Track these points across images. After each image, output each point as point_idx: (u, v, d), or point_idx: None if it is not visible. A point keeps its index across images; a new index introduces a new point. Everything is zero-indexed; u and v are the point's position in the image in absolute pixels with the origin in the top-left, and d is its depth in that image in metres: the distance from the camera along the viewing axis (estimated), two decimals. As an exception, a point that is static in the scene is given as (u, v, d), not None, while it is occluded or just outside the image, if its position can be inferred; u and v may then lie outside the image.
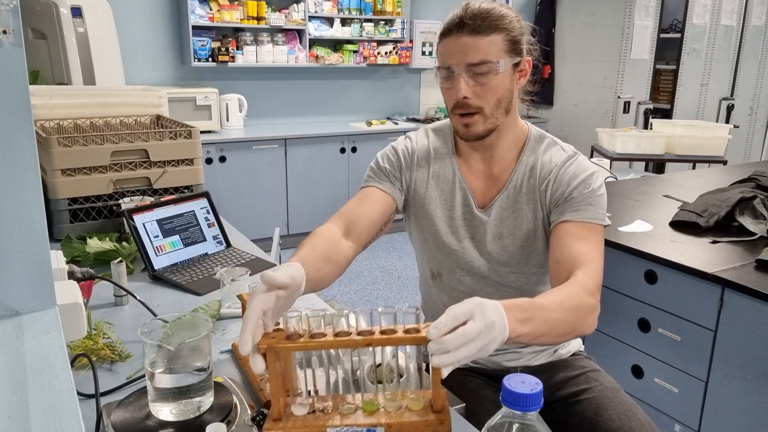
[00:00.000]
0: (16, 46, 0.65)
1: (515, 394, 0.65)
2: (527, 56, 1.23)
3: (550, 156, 1.28)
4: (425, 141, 1.37)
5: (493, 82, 1.18)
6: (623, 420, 1.24)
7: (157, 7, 4.31)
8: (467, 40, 1.17)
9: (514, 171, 1.29)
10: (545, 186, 1.25)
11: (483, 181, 1.32)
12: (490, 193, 1.31)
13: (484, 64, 1.17)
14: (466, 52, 1.17)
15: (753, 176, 2.41)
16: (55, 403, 0.55)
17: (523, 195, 1.28)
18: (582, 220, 1.19)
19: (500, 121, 1.24)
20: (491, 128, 1.23)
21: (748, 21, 5.64)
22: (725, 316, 1.73)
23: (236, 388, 0.99)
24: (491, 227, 1.29)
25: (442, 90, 1.26)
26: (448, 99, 1.24)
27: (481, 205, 1.31)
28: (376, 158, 1.36)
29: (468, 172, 1.32)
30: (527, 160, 1.29)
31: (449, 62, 1.19)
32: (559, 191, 1.23)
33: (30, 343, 0.65)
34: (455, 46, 1.18)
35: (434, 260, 1.37)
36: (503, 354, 1.36)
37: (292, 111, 4.97)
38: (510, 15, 1.20)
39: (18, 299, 0.70)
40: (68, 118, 2.03)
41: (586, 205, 1.20)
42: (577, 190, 1.21)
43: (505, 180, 1.29)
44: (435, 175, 1.33)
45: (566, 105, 5.57)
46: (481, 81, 1.18)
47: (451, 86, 1.21)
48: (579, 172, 1.23)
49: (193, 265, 1.66)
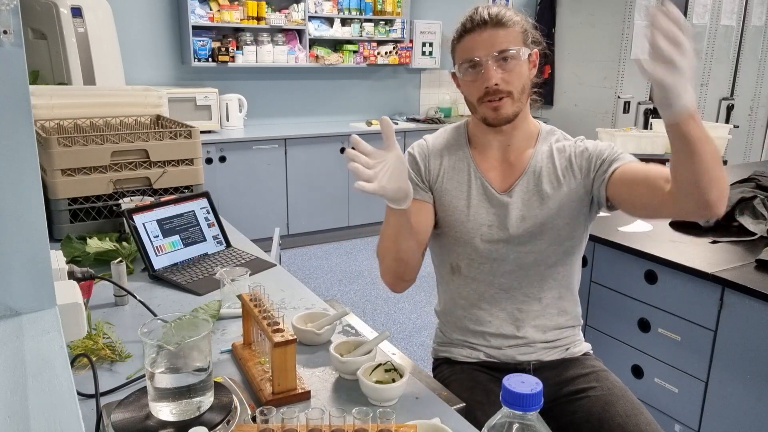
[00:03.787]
0: (16, 46, 0.65)
1: (515, 394, 0.65)
2: (534, 49, 1.34)
3: (563, 144, 1.38)
4: (441, 138, 1.45)
5: (518, 68, 1.28)
6: (630, 417, 1.27)
7: (157, 7, 4.31)
8: (492, 32, 1.27)
9: (532, 157, 1.37)
10: (572, 164, 1.34)
11: (499, 170, 1.38)
12: (508, 178, 1.37)
13: (509, 52, 1.27)
14: (492, 43, 1.27)
15: (753, 176, 2.41)
16: (55, 403, 0.55)
17: (544, 177, 1.35)
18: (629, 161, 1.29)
19: (524, 105, 1.33)
20: (518, 111, 1.32)
21: (748, 21, 5.64)
22: (725, 316, 1.73)
23: (236, 388, 0.99)
24: (514, 209, 1.35)
25: (465, 85, 1.33)
26: (475, 90, 1.30)
27: (501, 189, 1.37)
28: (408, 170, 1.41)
29: (483, 161, 1.39)
30: (542, 149, 1.38)
31: (476, 54, 1.27)
32: (594, 160, 1.32)
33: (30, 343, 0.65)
34: (480, 39, 1.27)
35: (453, 253, 1.41)
36: (517, 347, 1.39)
37: (292, 111, 4.97)
38: (516, 14, 1.32)
39: (18, 299, 0.70)
40: (68, 118, 2.03)
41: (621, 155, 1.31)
42: (606, 152, 1.32)
43: (523, 165, 1.37)
44: (450, 168, 1.40)
45: (566, 105, 5.57)
46: (507, 68, 1.27)
47: (477, 78, 1.29)
48: (593, 145, 1.35)
49: (193, 265, 1.66)
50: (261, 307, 1.12)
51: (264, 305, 1.12)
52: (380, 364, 1.09)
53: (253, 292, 1.17)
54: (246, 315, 1.19)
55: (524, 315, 1.38)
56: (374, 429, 0.86)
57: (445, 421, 0.98)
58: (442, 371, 1.44)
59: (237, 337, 1.26)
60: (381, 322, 3.45)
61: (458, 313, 1.43)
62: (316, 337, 1.24)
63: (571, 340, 1.43)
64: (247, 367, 1.13)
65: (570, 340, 1.43)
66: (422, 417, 0.99)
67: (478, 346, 1.41)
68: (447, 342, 1.47)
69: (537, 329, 1.38)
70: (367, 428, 0.86)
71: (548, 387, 1.35)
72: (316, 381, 1.12)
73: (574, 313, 1.43)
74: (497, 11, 1.28)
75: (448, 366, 1.44)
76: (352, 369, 1.09)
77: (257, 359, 1.15)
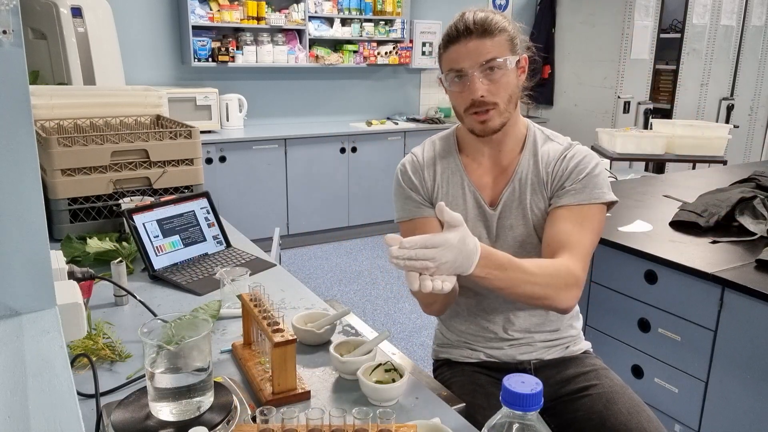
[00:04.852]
0: (16, 46, 0.65)
1: (515, 394, 0.65)
2: (523, 54, 1.31)
3: (548, 149, 1.35)
4: (431, 150, 1.42)
5: (504, 78, 1.25)
6: (633, 414, 1.27)
7: (157, 7, 4.31)
8: (477, 42, 1.23)
9: (518, 164, 1.35)
10: (547, 180, 1.32)
11: (491, 176, 1.37)
12: (498, 187, 1.36)
13: (495, 62, 1.23)
14: (478, 54, 1.23)
15: (753, 176, 2.41)
16: (55, 403, 0.55)
17: (528, 187, 1.33)
18: (577, 203, 1.27)
19: (511, 114, 1.31)
20: (505, 122, 1.30)
21: (748, 21, 5.64)
22: (725, 316, 1.73)
23: (236, 388, 0.99)
24: (502, 220, 1.35)
25: (452, 95, 1.31)
26: (461, 101, 1.28)
27: (491, 202, 1.36)
28: (405, 189, 1.38)
29: (474, 170, 1.38)
30: (529, 153, 1.35)
31: (462, 65, 1.24)
32: (558, 182, 1.31)
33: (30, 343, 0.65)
34: (465, 50, 1.24)
35: None
36: (517, 347, 1.39)
37: (292, 111, 4.97)
38: (504, 19, 1.28)
39: (18, 299, 0.70)
40: (68, 118, 2.03)
41: (581, 189, 1.27)
42: (571, 178, 1.29)
43: (510, 173, 1.35)
44: (445, 181, 1.39)
45: (566, 105, 5.57)
46: (493, 79, 1.24)
47: (463, 89, 1.26)
48: (573, 161, 1.31)
49: (193, 265, 1.66)
50: (261, 307, 1.12)
51: (264, 305, 1.12)
52: (380, 364, 1.09)
53: (253, 292, 1.18)
54: (246, 315, 1.19)
55: (523, 316, 1.38)
56: (374, 429, 0.86)
57: (445, 421, 0.98)
58: (443, 373, 1.44)
59: (237, 337, 1.26)
60: (381, 322, 3.45)
61: (457, 318, 1.44)
62: (316, 337, 1.24)
63: (571, 338, 1.43)
64: (247, 367, 1.13)
65: (570, 339, 1.43)
66: (422, 417, 0.99)
67: (478, 346, 1.41)
68: (447, 343, 1.47)
69: (536, 329, 1.39)
70: (367, 428, 0.86)
71: (549, 386, 1.36)
72: (316, 381, 1.12)
73: (573, 311, 1.43)
74: (484, 17, 1.23)
75: (449, 368, 1.44)
76: (352, 369, 1.09)
77: (257, 359, 1.15)
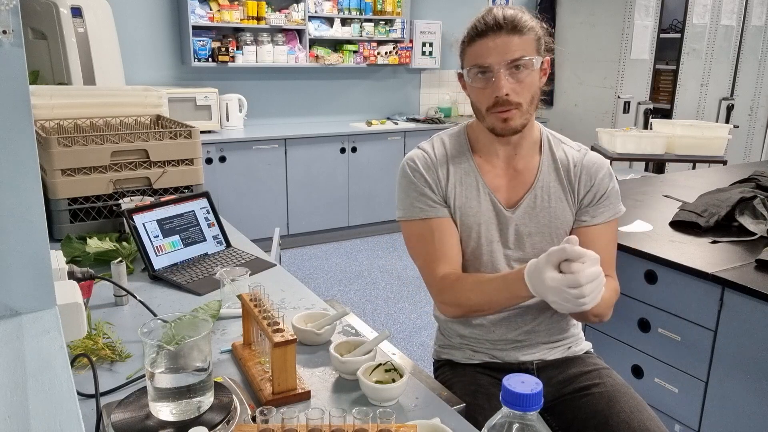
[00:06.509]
0: (16, 46, 0.65)
1: (515, 394, 0.65)
2: (547, 56, 1.28)
3: (563, 155, 1.35)
4: (441, 148, 1.37)
5: (529, 78, 1.23)
6: (635, 413, 1.27)
7: (157, 7, 4.31)
8: (505, 39, 1.20)
9: (539, 171, 1.33)
10: (572, 190, 1.33)
11: (505, 179, 1.35)
12: (514, 191, 1.34)
13: (522, 60, 1.20)
14: (506, 50, 1.20)
15: (753, 176, 2.41)
16: (55, 403, 0.55)
17: (551, 196, 1.33)
18: (605, 221, 1.31)
19: (531, 116, 1.30)
20: (526, 122, 1.28)
21: (748, 21, 5.64)
22: (725, 316, 1.73)
23: (236, 388, 0.99)
24: (520, 226, 1.33)
25: (473, 91, 1.27)
26: (484, 98, 1.25)
27: (507, 205, 1.34)
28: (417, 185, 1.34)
29: (488, 171, 1.34)
30: (547, 160, 1.34)
31: (488, 61, 1.21)
32: (585, 195, 1.33)
33: (30, 343, 0.65)
34: (493, 45, 1.21)
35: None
36: (520, 349, 1.39)
37: (292, 111, 4.97)
38: (532, 18, 1.26)
39: (18, 299, 0.70)
40: (68, 118, 2.03)
41: (608, 204, 1.32)
42: (600, 193, 1.32)
43: (531, 178, 1.33)
44: (458, 182, 1.34)
45: (566, 105, 5.57)
46: (519, 78, 1.22)
47: (487, 85, 1.23)
48: (599, 174, 1.33)
49: (193, 265, 1.66)
50: (261, 307, 1.12)
51: (264, 305, 1.12)
52: (380, 364, 1.09)
53: (253, 292, 1.18)
54: (246, 315, 1.19)
55: (527, 319, 1.37)
56: (374, 429, 0.86)
57: (445, 421, 0.98)
58: (444, 373, 1.44)
59: (237, 337, 1.26)
60: (381, 322, 3.45)
61: (460, 322, 1.42)
62: (316, 337, 1.24)
63: (573, 339, 1.43)
64: (247, 367, 1.13)
65: (572, 339, 1.43)
66: (422, 417, 0.99)
67: (480, 348, 1.41)
68: (448, 345, 1.46)
69: (539, 330, 1.38)
70: (367, 428, 0.86)
71: (552, 385, 1.36)
72: (316, 381, 1.12)
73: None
74: (513, 14, 1.21)
75: (450, 368, 1.43)
76: (352, 369, 1.09)
77: (257, 359, 1.15)
